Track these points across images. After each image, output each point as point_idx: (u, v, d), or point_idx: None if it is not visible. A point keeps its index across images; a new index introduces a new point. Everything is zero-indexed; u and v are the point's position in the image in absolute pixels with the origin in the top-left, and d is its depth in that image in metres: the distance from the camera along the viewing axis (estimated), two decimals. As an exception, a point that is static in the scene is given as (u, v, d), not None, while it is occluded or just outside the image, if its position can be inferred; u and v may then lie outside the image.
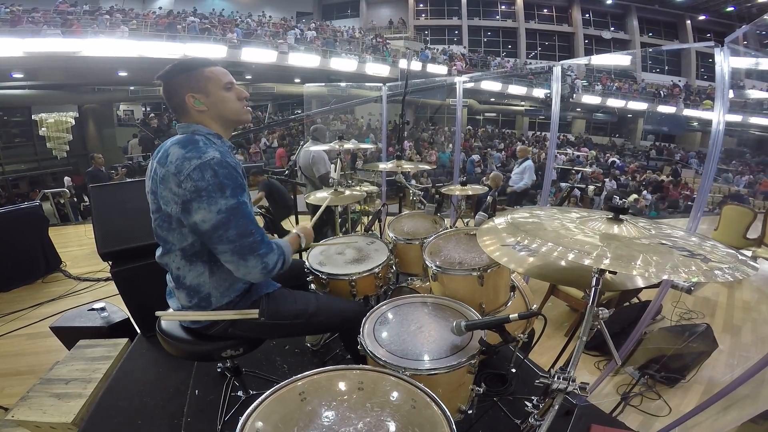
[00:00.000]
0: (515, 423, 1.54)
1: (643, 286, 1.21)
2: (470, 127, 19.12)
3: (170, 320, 1.32)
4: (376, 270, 1.66)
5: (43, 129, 12.11)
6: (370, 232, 2.15)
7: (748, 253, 4.16)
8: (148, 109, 17.44)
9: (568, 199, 7.27)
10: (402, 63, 14.88)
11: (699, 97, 17.37)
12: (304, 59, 13.50)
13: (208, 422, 1.61)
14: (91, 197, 2.30)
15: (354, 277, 1.61)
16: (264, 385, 1.68)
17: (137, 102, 17.53)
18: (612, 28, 21.28)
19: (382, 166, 2.51)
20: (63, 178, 10.65)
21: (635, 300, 3.38)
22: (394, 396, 0.91)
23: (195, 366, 1.96)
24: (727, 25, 18.99)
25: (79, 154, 13.35)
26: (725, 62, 1.91)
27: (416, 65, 15.27)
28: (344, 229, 2.73)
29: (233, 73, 1.25)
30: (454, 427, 0.81)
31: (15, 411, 1.74)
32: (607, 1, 20.77)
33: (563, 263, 1.18)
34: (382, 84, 4.77)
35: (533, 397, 1.05)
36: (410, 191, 2.45)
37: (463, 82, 4.38)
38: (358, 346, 1.20)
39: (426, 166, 2.89)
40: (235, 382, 1.66)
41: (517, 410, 1.61)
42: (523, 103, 19.36)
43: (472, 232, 1.77)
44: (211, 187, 1.04)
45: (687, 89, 18.23)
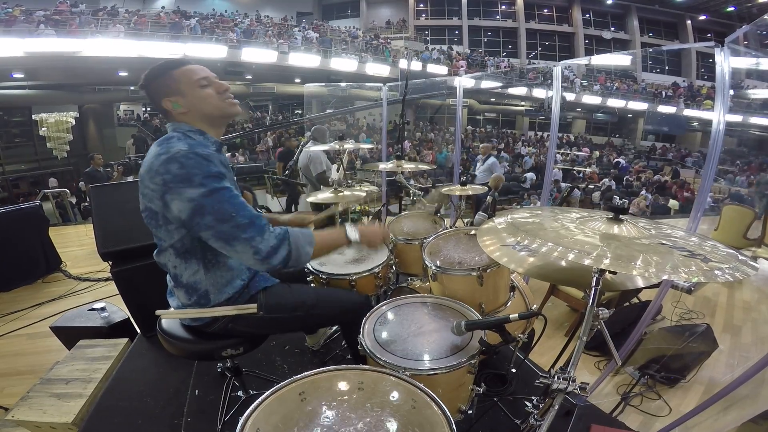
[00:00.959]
0: (515, 423, 1.54)
1: (643, 286, 1.21)
2: (470, 126, 19.12)
3: (170, 319, 1.33)
4: (376, 270, 1.66)
5: (43, 129, 12.13)
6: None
7: (749, 253, 4.16)
8: (149, 109, 17.46)
9: (567, 198, 7.29)
10: (402, 63, 14.88)
11: (696, 95, 17.36)
12: (304, 59, 13.51)
13: (208, 422, 1.61)
14: (91, 197, 2.30)
15: (354, 277, 1.61)
16: (264, 385, 1.67)
17: (137, 102, 17.56)
18: (612, 28, 21.29)
19: (381, 166, 2.51)
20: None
21: (635, 300, 3.38)
22: (394, 396, 0.90)
23: (195, 366, 1.95)
24: (727, 25, 18.99)
25: (79, 154, 13.37)
26: (725, 62, 1.90)
27: (416, 65, 15.28)
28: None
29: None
30: (454, 427, 0.81)
31: (15, 411, 1.74)
32: (608, 1, 20.77)
33: (563, 263, 1.18)
34: (382, 84, 4.77)
35: (533, 397, 1.05)
36: (410, 191, 2.45)
37: (463, 84, 4.38)
38: (359, 346, 1.20)
39: (425, 166, 2.88)
40: (235, 382, 1.66)
41: (517, 410, 1.61)
42: (523, 103, 19.37)
43: (471, 232, 1.77)
44: (178, 178, 1.04)
45: (690, 89, 18.19)
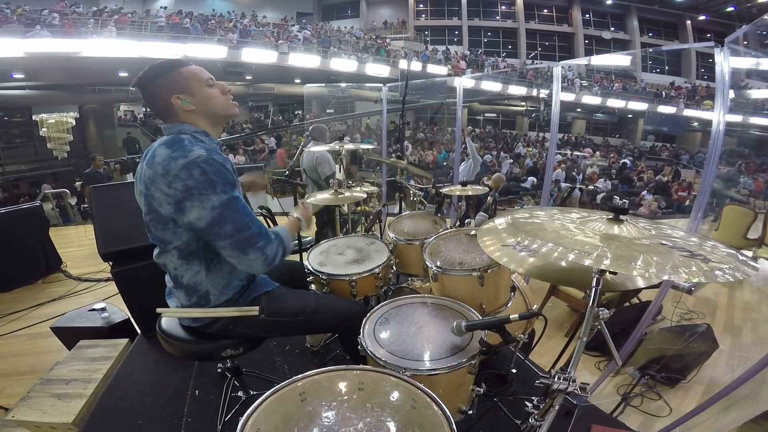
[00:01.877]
0: (515, 423, 1.54)
1: (643, 286, 1.21)
2: (470, 127, 19.12)
3: (171, 318, 1.33)
4: (377, 270, 1.66)
5: (43, 129, 12.09)
6: (370, 233, 2.15)
7: (749, 254, 4.16)
8: (149, 109, 17.41)
9: (568, 199, 7.29)
10: (402, 63, 14.89)
11: (696, 95, 17.36)
12: (304, 59, 13.50)
13: (208, 422, 1.61)
14: (91, 198, 2.30)
15: (354, 278, 1.61)
16: (264, 386, 1.67)
17: (137, 102, 17.51)
18: (612, 29, 21.28)
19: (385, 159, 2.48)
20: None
21: (635, 300, 3.38)
22: (395, 396, 0.90)
23: (195, 366, 1.96)
24: (727, 25, 18.98)
25: (79, 155, 13.34)
26: (725, 62, 1.91)
27: (416, 65, 15.28)
28: (345, 229, 2.73)
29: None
30: (455, 427, 0.81)
31: (15, 411, 1.75)
32: (607, 1, 20.77)
33: (563, 264, 1.18)
34: (382, 84, 4.78)
35: (533, 398, 1.05)
36: (410, 191, 2.45)
37: (463, 84, 4.38)
38: (359, 347, 1.20)
39: (424, 173, 2.89)
40: (235, 382, 1.66)
41: (517, 410, 1.61)
42: (523, 103, 19.37)
43: (472, 232, 1.77)
44: (201, 185, 1.04)
45: (692, 90, 18.17)
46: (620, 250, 0.85)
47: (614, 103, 17.34)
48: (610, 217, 1.00)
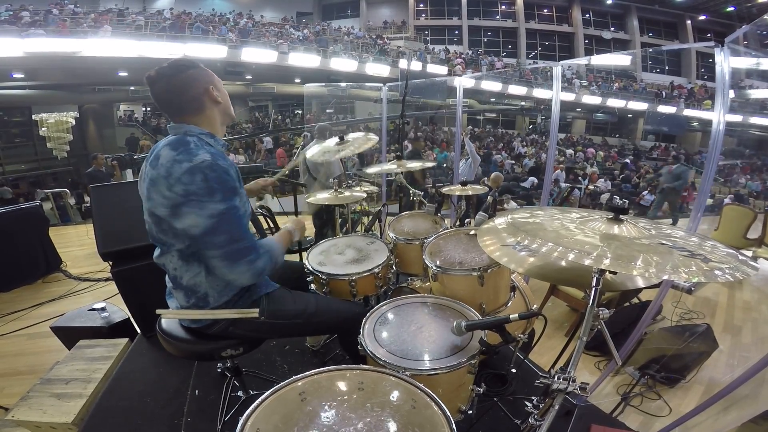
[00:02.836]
0: (515, 423, 1.54)
1: (643, 286, 1.21)
2: (471, 127, 19.11)
3: (170, 319, 1.33)
4: (376, 270, 1.66)
5: (43, 129, 12.10)
6: (370, 233, 2.15)
7: (749, 253, 4.16)
8: (149, 109, 17.45)
9: (568, 198, 7.28)
10: (402, 63, 14.88)
11: (695, 95, 17.36)
12: (304, 59, 13.50)
13: (208, 422, 1.61)
14: (91, 197, 2.30)
15: (354, 277, 1.61)
16: (264, 385, 1.68)
17: (137, 102, 17.52)
18: (612, 28, 21.29)
19: (386, 167, 2.48)
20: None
21: (635, 300, 3.38)
22: (395, 396, 0.90)
23: (195, 366, 1.96)
24: (727, 25, 18.99)
25: (79, 154, 13.36)
26: (725, 62, 1.90)
27: (416, 65, 15.28)
28: (344, 229, 2.73)
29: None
30: (455, 427, 0.81)
31: (15, 411, 1.74)
32: (607, 1, 20.77)
33: (563, 263, 1.18)
34: (382, 84, 4.77)
35: (533, 398, 1.05)
36: (410, 191, 2.44)
37: (463, 84, 4.37)
38: (358, 346, 1.20)
39: (430, 164, 2.89)
40: (235, 382, 1.66)
41: (517, 410, 1.61)
42: (523, 103, 19.37)
43: (471, 232, 1.77)
44: (201, 192, 1.03)
45: (692, 91, 18.18)
46: (620, 249, 0.85)
47: (614, 102, 17.34)
48: (610, 216, 1.00)
